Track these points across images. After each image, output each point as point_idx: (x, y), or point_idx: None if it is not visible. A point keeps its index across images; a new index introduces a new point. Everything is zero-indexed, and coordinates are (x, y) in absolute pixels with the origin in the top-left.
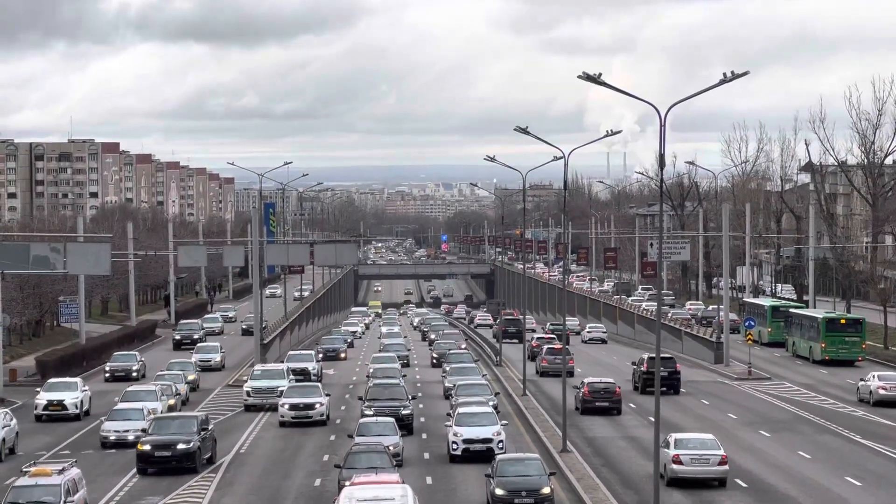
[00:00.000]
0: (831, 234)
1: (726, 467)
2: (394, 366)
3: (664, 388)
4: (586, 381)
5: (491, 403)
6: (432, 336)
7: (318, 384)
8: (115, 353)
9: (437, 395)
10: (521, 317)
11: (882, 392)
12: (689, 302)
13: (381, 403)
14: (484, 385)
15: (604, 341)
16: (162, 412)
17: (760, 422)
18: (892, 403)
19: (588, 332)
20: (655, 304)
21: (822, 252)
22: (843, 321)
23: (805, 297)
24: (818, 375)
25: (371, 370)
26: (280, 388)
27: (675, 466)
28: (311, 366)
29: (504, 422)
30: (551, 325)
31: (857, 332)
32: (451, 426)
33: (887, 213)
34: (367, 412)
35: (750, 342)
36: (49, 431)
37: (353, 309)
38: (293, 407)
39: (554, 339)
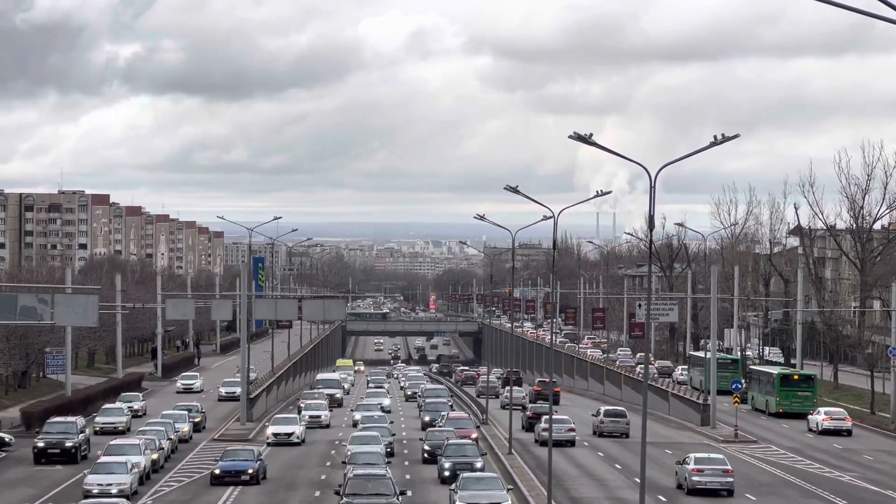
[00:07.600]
0: (819, 297)
1: None
2: (376, 449)
3: None
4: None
5: None
6: (427, 418)
7: None
8: None
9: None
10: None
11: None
12: (620, 349)
13: (364, 500)
14: None
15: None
16: (145, 467)
17: (746, 485)
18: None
19: (493, 372)
20: (598, 351)
21: (809, 316)
22: (796, 377)
23: (793, 360)
24: (806, 440)
25: (349, 452)
26: None
27: None
28: None
29: None
30: (463, 367)
31: (810, 387)
32: None
33: (875, 278)
34: None
35: (736, 404)
36: (32, 483)
37: (320, 377)
38: None
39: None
